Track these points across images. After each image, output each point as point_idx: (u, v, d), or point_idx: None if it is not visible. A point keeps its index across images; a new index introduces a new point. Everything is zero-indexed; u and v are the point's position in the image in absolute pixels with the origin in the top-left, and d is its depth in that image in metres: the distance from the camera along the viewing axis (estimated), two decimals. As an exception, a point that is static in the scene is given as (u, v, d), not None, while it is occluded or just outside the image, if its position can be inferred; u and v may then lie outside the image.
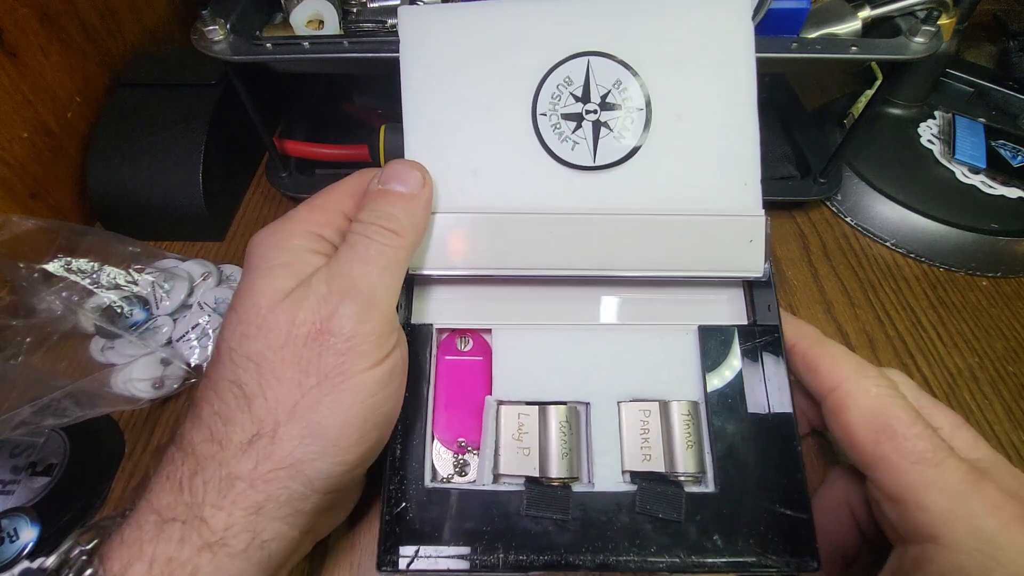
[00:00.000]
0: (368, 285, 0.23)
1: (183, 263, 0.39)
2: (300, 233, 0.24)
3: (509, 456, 0.25)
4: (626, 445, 0.26)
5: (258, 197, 0.47)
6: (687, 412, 0.26)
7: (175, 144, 0.41)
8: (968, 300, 0.40)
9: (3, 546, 0.28)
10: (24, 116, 0.39)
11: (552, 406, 0.26)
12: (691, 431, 0.26)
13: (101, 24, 0.45)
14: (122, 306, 0.36)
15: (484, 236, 0.27)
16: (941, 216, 0.43)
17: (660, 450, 0.26)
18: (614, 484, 0.25)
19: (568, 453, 0.25)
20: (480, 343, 0.29)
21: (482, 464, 0.26)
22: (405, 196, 0.25)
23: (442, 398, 0.27)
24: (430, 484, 0.25)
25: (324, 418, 0.21)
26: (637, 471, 0.25)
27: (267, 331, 0.22)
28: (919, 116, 0.50)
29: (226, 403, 0.21)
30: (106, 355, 0.35)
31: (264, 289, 0.22)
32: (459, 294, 0.29)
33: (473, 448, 0.27)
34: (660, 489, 0.24)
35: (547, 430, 0.26)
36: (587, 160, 0.27)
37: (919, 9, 0.38)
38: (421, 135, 0.27)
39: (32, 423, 0.29)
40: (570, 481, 0.25)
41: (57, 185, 0.42)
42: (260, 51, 0.34)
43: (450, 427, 0.27)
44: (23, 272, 0.35)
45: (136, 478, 0.32)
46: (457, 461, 0.26)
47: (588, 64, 0.27)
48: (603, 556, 0.24)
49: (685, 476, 0.25)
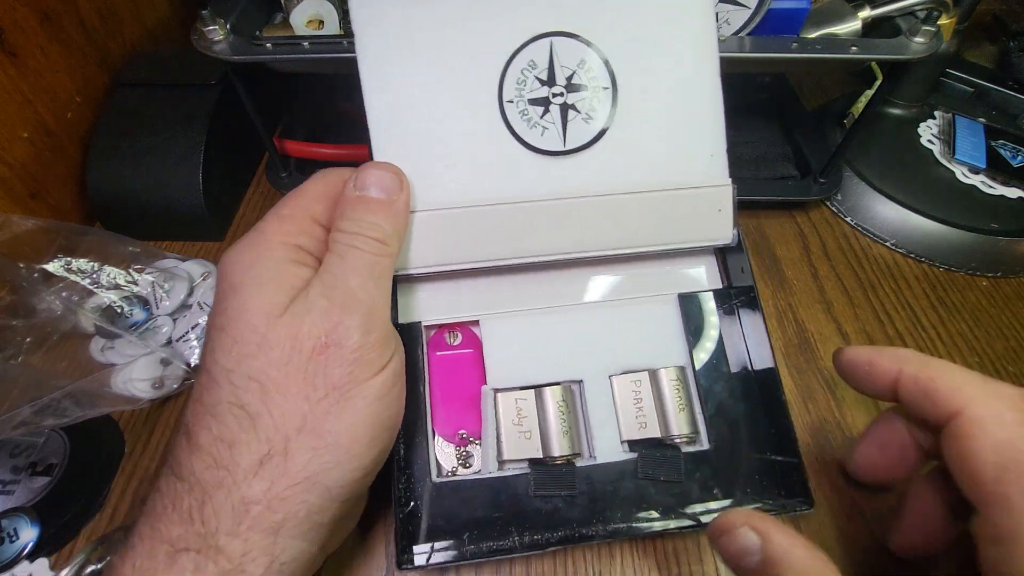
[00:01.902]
0: (367, 296, 0.23)
1: (183, 263, 0.39)
2: (277, 245, 0.24)
3: (511, 441, 0.26)
4: (622, 416, 0.27)
5: (258, 197, 0.47)
6: (675, 378, 0.27)
7: (175, 144, 0.41)
8: (968, 300, 0.40)
9: (3, 546, 0.28)
10: (24, 116, 0.39)
11: (547, 388, 0.27)
12: (681, 395, 0.27)
13: (101, 24, 0.45)
14: (122, 306, 0.36)
15: (463, 230, 0.27)
16: (941, 216, 0.43)
17: (654, 416, 0.27)
18: (615, 454, 0.26)
19: (568, 431, 0.26)
20: (469, 335, 0.29)
21: (486, 453, 0.26)
22: (384, 203, 0.25)
23: (438, 394, 0.28)
24: (437, 479, 0.26)
25: (335, 427, 0.21)
26: (635, 439, 0.27)
27: (268, 348, 0.21)
28: (919, 116, 0.50)
29: (228, 426, 0.21)
30: (106, 355, 0.35)
31: (258, 306, 0.22)
32: (443, 289, 0.29)
33: (475, 439, 0.27)
34: (659, 454, 0.26)
35: (545, 412, 0.27)
36: (557, 145, 0.27)
37: (919, 9, 0.38)
38: (387, 133, 0.27)
39: (32, 423, 0.29)
40: (573, 457, 0.26)
41: (57, 185, 0.42)
42: (260, 51, 0.34)
43: (450, 421, 0.27)
44: (23, 272, 0.35)
45: (136, 478, 0.32)
46: (460, 453, 0.27)
47: (551, 45, 0.27)
48: (614, 524, 0.25)
49: (680, 438, 0.27)
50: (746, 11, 0.36)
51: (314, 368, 0.21)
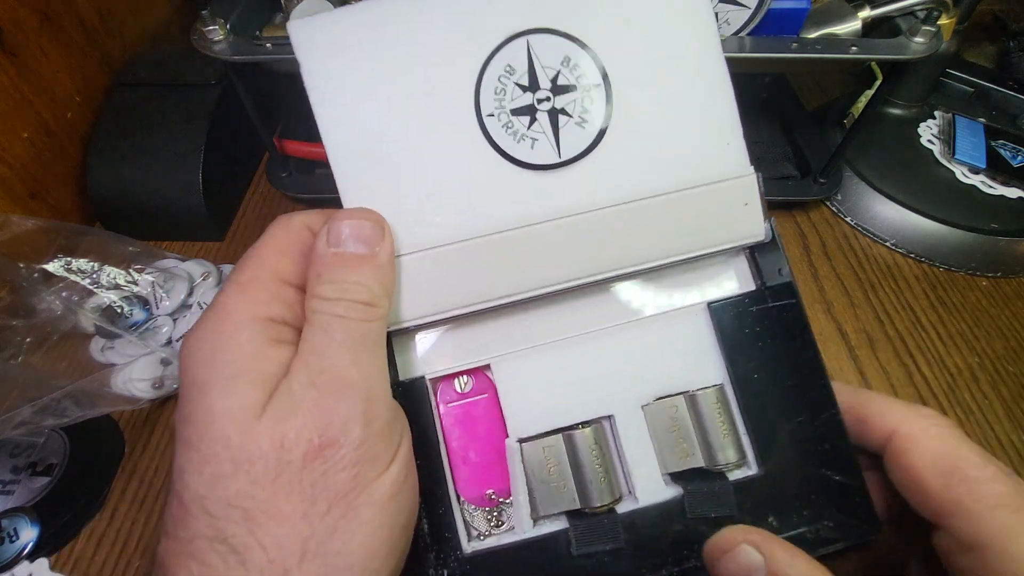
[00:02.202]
0: (363, 374, 0.19)
1: (183, 263, 0.39)
2: (244, 325, 0.19)
3: (544, 495, 0.23)
4: (660, 448, 0.24)
5: (258, 197, 0.48)
6: (715, 400, 0.25)
7: (175, 144, 0.41)
8: (968, 300, 0.40)
9: (3, 546, 0.28)
10: (24, 116, 0.39)
11: (577, 431, 0.24)
12: (723, 417, 0.24)
13: (101, 24, 0.45)
14: (122, 306, 0.36)
15: (458, 270, 0.24)
16: (941, 216, 0.43)
17: (696, 444, 0.24)
18: (658, 492, 0.24)
19: (605, 475, 0.24)
20: (480, 378, 0.26)
21: (518, 512, 0.24)
22: (366, 257, 0.21)
23: (457, 452, 0.25)
24: (469, 549, 0.23)
25: (346, 545, 0.18)
26: (677, 471, 0.24)
27: (248, 464, 0.17)
28: (919, 116, 0.50)
29: (211, 567, 0.17)
30: (106, 355, 0.35)
31: (229, 411, 0.18)
32: (444, 335, 0.26)
33: (504, 497, 0.24)
34: (707, 488, 0.23)
35: (577, 458, 0.24)
36: (551, 156, 0.24)
37: (919, 9, 0.38)
38: (354, 172, 0.23)
39: (32, 423, 0.29)
40: (614, 504, 0.24)
41: (57, 185, 0.42)
42: (260, 51, 0.34)
43: (474, 481, 0.24)
44: (23, 272, 0.35)
45: (136, 478, 0.32)
46: (491, 516, 0.24)
47: (528, 45, 0.24)
48: (666, 571, 0.22)
49: (727, 465, 0.24)
50: (746, 11, 0.36)
51: (310, 478, 0.18)
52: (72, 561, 0.29)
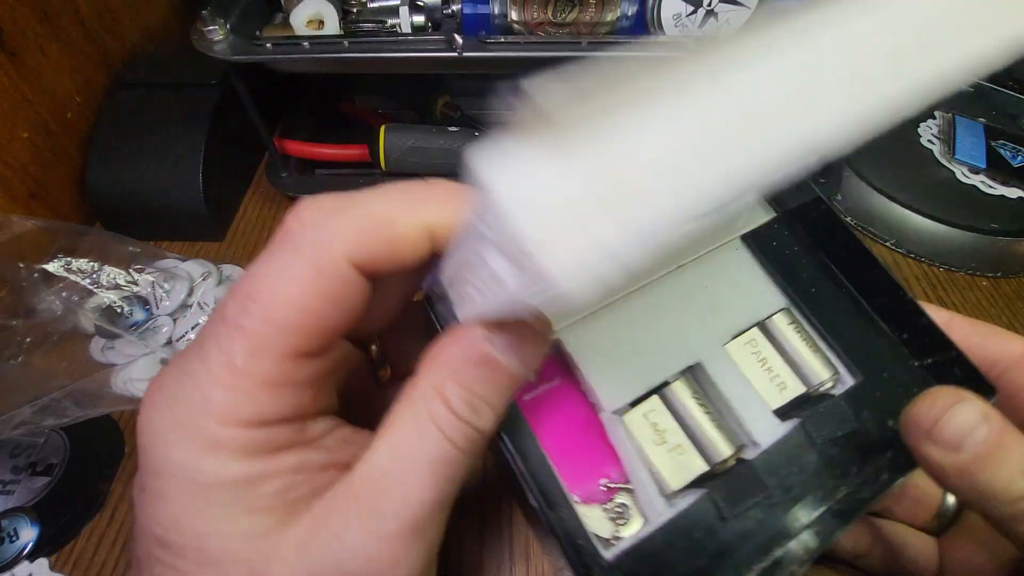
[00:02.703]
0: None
1: (183, 263, 0.39)
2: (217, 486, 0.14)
3: (667, 466, 0.21)
4: (758, 384, 0.23)
5: (258, 197, 0.47)
6: (789, 321, 0.24)
7: (175, 144, 0.41)
8: (968, 300, 0.40)
9: (3, 546, 0.28)
10: (24, 116, 0.39)
11: (673, 384, 0.23)
12: (802, 335, 0.24)
13: (101, 24, 0.45)
14: (122, 306, 0.36)
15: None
16: (941, 216, 0.43)
17: (788, 372, 0.23)
18: (775, 431, 0.22)
19: (720, 421, 0.22)
20: (548, 364, 0.24)
21: (644, 495, 0.21)
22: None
23: (553, 447, 0.22)
24: (608, 556, 0.20)
25: None
26: (781, 406, 0.23)
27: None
28: (919, 116, 0.50)
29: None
30: (106, 355, 0.35)
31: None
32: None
33: (621, 482, 0.22)
34: (821, 410, 0.22)
35: (685, 411, 0.23)
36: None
37: (919, 9, 0.38)
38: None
39: (32, 423, 0.29)
40: (740, 451, 0.22)
41: (57, 185, 0.42)
42: (260, 51, 0.34)
43: (584, 474, 0.21)
44: (23, 272, 0.35)
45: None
46: (611, 511, 0.21)
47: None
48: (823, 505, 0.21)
49: (826, 383, 0.23)
50: (746, 11, 0.36)
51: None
52: (72, 561, 0.29)
